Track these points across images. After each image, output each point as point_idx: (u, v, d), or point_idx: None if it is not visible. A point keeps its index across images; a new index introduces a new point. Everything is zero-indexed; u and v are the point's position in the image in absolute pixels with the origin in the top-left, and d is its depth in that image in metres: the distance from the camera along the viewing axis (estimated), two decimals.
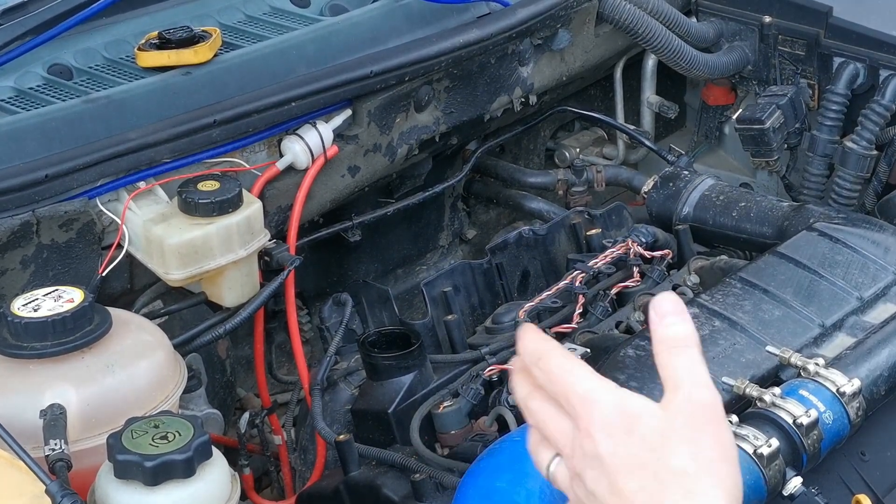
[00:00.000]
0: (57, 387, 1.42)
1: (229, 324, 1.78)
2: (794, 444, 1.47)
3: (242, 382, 2.12)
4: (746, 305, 1.70)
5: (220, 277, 1.76)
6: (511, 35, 2.16)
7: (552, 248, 2.11)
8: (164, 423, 1.34)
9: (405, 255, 2.36)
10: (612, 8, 2.34)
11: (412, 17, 2.12)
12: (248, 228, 1.74)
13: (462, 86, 2.13)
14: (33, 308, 1.46)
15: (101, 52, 1.94)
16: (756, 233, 2.03)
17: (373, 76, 1.97)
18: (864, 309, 1.73)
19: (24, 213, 1.64)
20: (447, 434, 1.71)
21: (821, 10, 2.38)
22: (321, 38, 2.01)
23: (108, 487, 1.31)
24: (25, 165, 1.66)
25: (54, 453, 1.32)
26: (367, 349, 1.75)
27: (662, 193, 2.15)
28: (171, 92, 1.83)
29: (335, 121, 1.96)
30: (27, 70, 1.86)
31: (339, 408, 1.83)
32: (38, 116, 1.74)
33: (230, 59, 1.91)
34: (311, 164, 1.92)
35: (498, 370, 1.75)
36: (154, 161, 1.76)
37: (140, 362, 1.49)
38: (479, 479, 1.36)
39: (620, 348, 1.61)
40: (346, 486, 1.64)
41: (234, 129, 1.83)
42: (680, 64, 2.43)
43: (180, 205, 1.72)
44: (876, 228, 1.88)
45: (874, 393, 1.59)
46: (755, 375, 1.58)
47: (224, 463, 1.37)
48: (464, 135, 2.24)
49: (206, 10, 2.08)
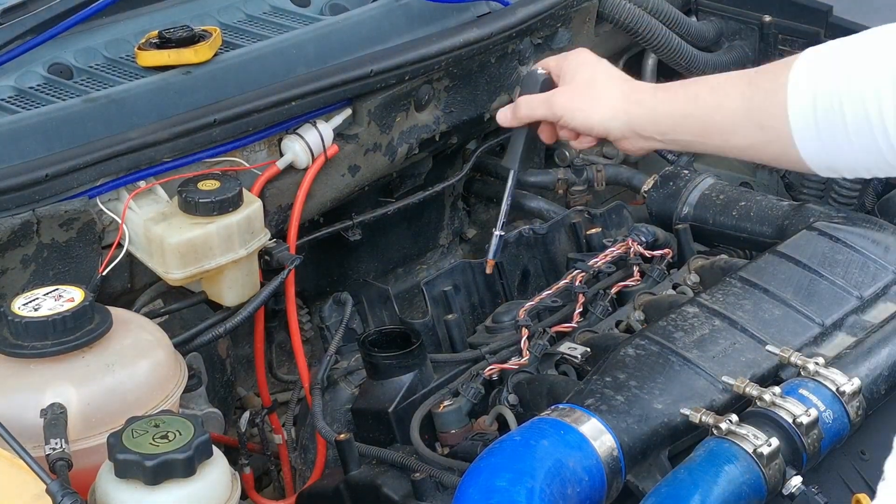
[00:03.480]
0: (57, 386, 1.42)
1: (229, 323, 1.78)
2: (794, 444, 1.47)
3: (243, 381, 2.12)
4: (746, 305, 1.70)
5: (221, 277, 1.76)
6: (511, 34, 2.16)
7: (552, 248, 2.11)
8: (165, 422, 1.34)
9: (405, 254, 2.36)
10: (612, 7, 2.34)
11: (412, 17, 2.12)
12: (248, 228, 1.75)
13: (462, 85, 2.13)
14: (34, 307, 1.46)
15: (101, 51, 1.94)
16: (756, 232, 2.03)
17: (373, 75, 1.97)
18: (864, 308, 1.74)
19: (24, 213, 1.64)
20: (447, 433, 1.71)
21: (821, 10, 2.38)
22: (321, 38, 2.01)
23: (108, 486, 1.31)
24: (25, 165, 1.66)
25: (55, 452, 1.32)
26: (368, 348, 1.76)
27: (662, 192, 2.15)
28: (171, 91, 1.83)
29: (335, 120, 1.97)
30: (27, 69, 1.86)
31: (339, 407, 1.83)
32: (39, 116, 1.74)
33: (230, 59, 1.91)
34: (311, 163, 1.92)
35: (498, 369, 1.75)
36: (154, 160, 1.76)
37: (140, 362, 1.49)
38: (479, 479, 1.36)
39: (620, 347, 1.61)
40: (347, 485, 1.64)
41: (234, 129, 1.83)
42: (680, 63, 2.43)
43: (180, 204, 1.72)
44: (876, 228, 1.88)
45: (874, 392, 1.59)
46: (755, 375, 1.58)
47: (224, 462, 1.37)
48: (464, 134, 2.24)
49: (206, 10, 2.08)
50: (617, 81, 1.72)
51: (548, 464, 1.37)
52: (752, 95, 1.55)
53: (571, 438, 1.42)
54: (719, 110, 1.57)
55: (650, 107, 1.65)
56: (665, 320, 1.67)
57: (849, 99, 1.45)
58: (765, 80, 1.55)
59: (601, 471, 1.42)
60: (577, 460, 1.40)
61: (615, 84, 1.71)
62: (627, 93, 1.68)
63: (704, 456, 1.43)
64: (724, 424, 1.44)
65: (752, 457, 1.42)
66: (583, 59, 1.76)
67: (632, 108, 1.66)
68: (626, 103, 1.67)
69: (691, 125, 1.60)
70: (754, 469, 1.42)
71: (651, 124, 1.64)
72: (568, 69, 1.75)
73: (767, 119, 1.53)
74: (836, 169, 1.52)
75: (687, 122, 1.60)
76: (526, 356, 1.76)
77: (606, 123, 1.69)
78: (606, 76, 1.73)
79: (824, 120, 1.48)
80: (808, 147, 1.50)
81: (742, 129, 1.56)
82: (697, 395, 1.54)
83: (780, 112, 1.50)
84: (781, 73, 1.52)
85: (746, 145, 1.58)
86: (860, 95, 1.44)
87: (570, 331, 1.83)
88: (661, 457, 1.50)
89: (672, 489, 1.39)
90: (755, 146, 1.57)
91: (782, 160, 1.57)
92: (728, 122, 1.57)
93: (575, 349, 1.74)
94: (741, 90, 1.56)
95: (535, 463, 1.36)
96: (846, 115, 1.45)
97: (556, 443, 1.41)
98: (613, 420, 1.46)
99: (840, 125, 1.46)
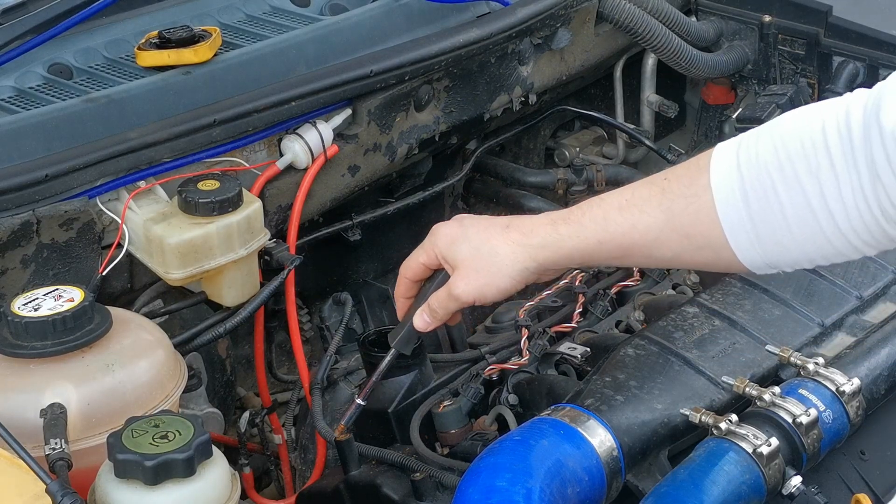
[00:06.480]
0: (57, 386, 1.42)
1: (229, 323, 1.78)
2: (794, 444, 1.47)
3: (242, 381, 2.12)
4: (746, 305, 1.70)
5: (220, 277, 1.76)
6: (511, 34, 2.16)
7: None
8: (165, 422, 1.34)
9: (405, 254, 2.34)
10: (612, 7, 2.34)
11: (412, 17, 2.12)
12: (248, 228, 1.75)
13: (462, 85, 2.13)
14: (33, 307, 1.46)
15: (101, 51, 1.94)
16: None
17: (373, 76, 1.97)
18: (863, 308, 1.74)
19: (24, 213, 1.64)
20: (447, 433, 1.71)
21: (820, 10, 2.39)
22: (321, 38, 2.01)
23: (108, 486, 1.31)
24: (25, 165, 1.66)
25: (55, 452, 1.32)
26: (368, 348, 1.75)
27: None
28: (171, 91, 1.83)
29: (335, 120, 1.97)
30: (27, 69, 1.86)
31: (339, 407, 1.83)
32: (39, 116, 1.74)
33: (230, 59, 1.91)
34: (310, 163, 1.92)
35: (498, 369, 1.75)
36: (154, 160, 1.76)
37: (140, 361, 1.49)
38: (479, 479, 1.36)
39: (620, 348, 1.61)
40: (347, 485, 1.64)
41: (233, 129, 1.83)
42: (680, 63, 2.43)
43: (180, 204, 1.72)
44: None
45: (874, 392, 1.59)
46: (755, 374, 1.58)
47: (224, 462, 1.37)
48: (464, 134, 2.24)
49: (206, 10, 2.08)
50: (500, 236, 1.53)
51: (547, 464, 1.37)
52: (670, 205, 1.41)
53: (571, 438, 1.42)
54: (636, 228, 1.44)
55: (556, 246, 1.50)
56: (665, 320, 1.67)
57: (785, 190, 1.33)
58: (680, 185, 1.41)
59: (601, 471, 1.42)
60: (577, 460, 1.40)
61: (501, 240, 1.53)
62: (521, 241, 1.52)
63: (704, 456, 1.43)
64: (724, 424, 1.44)
65: (752, 457, 1.42)
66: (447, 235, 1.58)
67: (536, 253, 1.51)
68: (526, 251, 1.51)
69: (608, 249, 1.47)
70: (754, 469, 1.42)
71: (565, 259, 1.51)
72: (443, 255, 1.58)
73: (693, 226, 1.40)
74: (776, 265, 1.40)
75: (603, 248, 1.47)
76: (526, 356, 1.76)
77: (517, 279, 1.53)
78: (485, 237, 1.54)
79: (760, 217, 1.35)
80: (745, 248, 1.38)
81: (665, 241, 1.43)
82: (697, 395, 1.54)
83: (708, 216, 1.38)
84: (698, 175, 1.40)
85: (672, 256, 1.46)
86: (797, 184, 1.32)
87: (569, 331, 1.83)
88: (661, 457, 1.50)
89: (672, 489, 1.39)
90: (682, 255, 1.45)
91: (717, 265, 1.44)
92: (648, 238, 1.44)
93: (575, 349, 1.74)
94: (656, 202, 1.43)
95: (534, 463, 1.36)
96: (785, 208, 1.33)
97: (556, 443, 1.41)
98: (613, 420, 1.46)
99: (779, 219, 1.34)
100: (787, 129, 1.36)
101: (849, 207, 1.31)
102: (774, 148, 1.34)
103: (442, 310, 1.59)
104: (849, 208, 1.31)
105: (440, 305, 1.59)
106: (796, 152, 1.33)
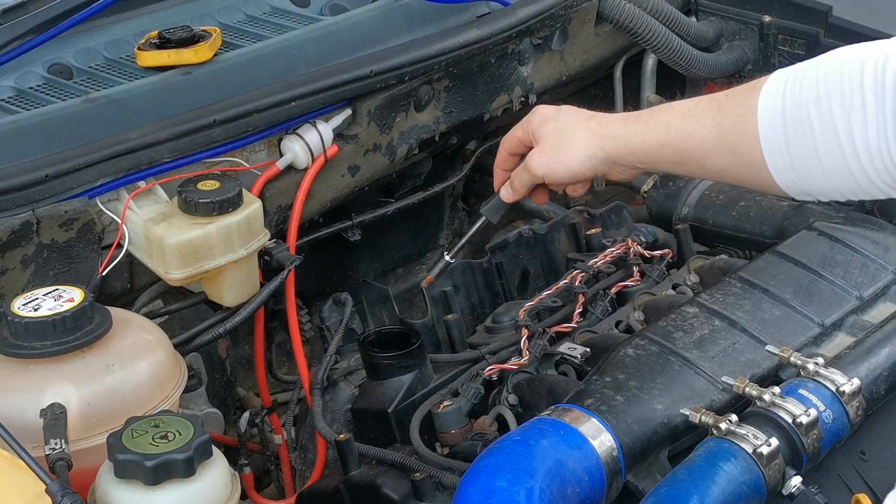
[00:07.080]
0: (57, 386, 1.42)
1: (229, 323, 1.78)
2: (794, 444, 1.47)
3: (242, 382, 2.12)
4: (746, 305, 1.70)
5: (220, 277, 1.76)
6: (511, 34, 2.16)
7: (552, 248, 2.11)
8: (165, 422, 1.34)
9: (405, 254, 2.36)
10: (612, 7, 2.34)
11: (412, 17, 2.12)
12: (248, 228, 1.75)
13: (462, 85, 2.13)
14: (33, 307, 1.46)
15: (101, 51, 1.94)
16: (756, 232, 2.03)
17: (373, 76, 1.97)
18: (863, 308, 1.74)
19: (24, 213, 1.64)
20: (447, 433, 1.71)
21: (820, 10, 2.38)
22: (321, 38, 2.01)
23: (108, 487, 1.31)
24: (25, 165, 1.66)
25: (55, 453, 1.33)
26: (367, 348, 1.76)
27: (662, 193, 2.15)
28: (171, 92, 1.83)
29: (335, 120, 1.97)
30: (27, 70, 1.86)
31: (339, 407, 1.83)
32: (39, 116, 1.74)
33: (230, 59, 1.91)
34: (310, 163, 1.92)
35: (498, 369, 1.75)
36: (154, 161, 1.76)
37: (140, 362, 1.49)
38: (479, 479, 1.36)
39: (620, 348, 1.61)
40: (347, 485, 1.64)
41: (234, 129, 1.83)
42: (680, 63, 2.43)
43: (180, 204, 1.72)
44: (876, 228, 1.88)
45: (874, 392, 1.59)
46: (755, 375, 1.58)
47: (224, 462, 1.37)
48: (464, 134, 2.24)
49: (206, 10, 2.08)
50: (582, 123, 1.70)
51: (547, 464, 1.37)
52: (722, 121, 1.54)
53: (571, 438, 1.42)
54: (692, 137, 1.58)
55: (624, 140, 1.65)
56: (665, 320, 1.67)
57: (819, 122, 1.44)
58: (734, 104, 1.54)
59: (601, 471, 1.42)
60: (577, 460, 1.40)
61: (581, 126, 1.70)
62: (597, 130, 1.68)
63: (704, 456, 1.43)
64: (724, 424, 1.44)
65: (752, 457, 1.42)
66: (542, 114, 1.75)
67: (606, 143, 1.67)
68: (598, 140, 1.67)
69: (667, 153, 1.61)
70: (754, 469, 1.42)
71: (629, 155, 1.65)
72: (533, 130, 1.74)
73: (739, 144, 1.52)
74: (809, 192, 1.51)
75: (663, 151, 1.61)
76: (526, 356, 1.76)
77: (585, 165, 1.68)
78: (569, 121, 1.72)
79: (795, 143, 1.47)
80: (780, 170, 1.50)
81: (716, 154, 1.56)
82: (697, 396, 1.54)
83: (751, 137, 1.50)
84: (750, 96, 1.52)
85: (721, 169, 1.59)
86: (830, 117, 1.43)
87: (569, 331, 1.83)
88: (661, 457, 1.50)
89: (672, 489, 1.39)
90: (729, 170, 1.57)
91: (757, 183, 1.56)
92: (702, 149, 1.57)
93: (575, 349, 1.74)
94: (712, 116, 1.56)
95: (534, 463, 1.36)
96: (816, 139, 1.44)
97: (556, 443, 1.41)
98: (613, 420, 1.46)
99: (811, 148, 1.45)
100: (833, 65, 1.46)
101: (871, 148, 1.40)
102: (817, 82, 1.45)
103: (518, 181, 1.77)
104: (871, 148, 1.40)
105: (517, 176, 1.78)
106: (835, 88, 1.43)
